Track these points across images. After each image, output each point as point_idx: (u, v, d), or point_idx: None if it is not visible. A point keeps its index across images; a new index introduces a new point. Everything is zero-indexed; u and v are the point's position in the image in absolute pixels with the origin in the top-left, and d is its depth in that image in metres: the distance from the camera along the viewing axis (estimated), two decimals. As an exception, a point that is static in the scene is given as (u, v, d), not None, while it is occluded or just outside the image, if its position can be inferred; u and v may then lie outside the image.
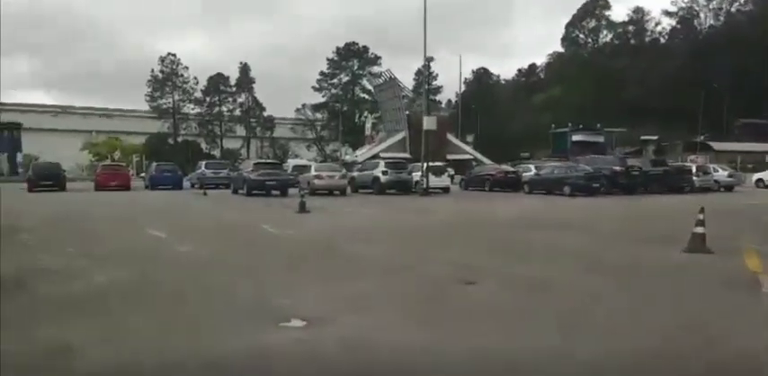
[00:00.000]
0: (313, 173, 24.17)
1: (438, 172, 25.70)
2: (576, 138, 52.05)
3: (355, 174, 26.82)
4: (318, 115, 73.88)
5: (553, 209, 17.97)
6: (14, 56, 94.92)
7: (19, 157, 48.41)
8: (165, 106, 65.51)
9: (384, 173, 24.46)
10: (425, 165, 24.38)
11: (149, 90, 65.09)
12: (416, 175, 25.13)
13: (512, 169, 28.69)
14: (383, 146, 58.51)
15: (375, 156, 52.50)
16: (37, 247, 8.62)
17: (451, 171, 31.92)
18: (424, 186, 24.03)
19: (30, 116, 60.93)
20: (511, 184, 27.15)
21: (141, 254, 8.10)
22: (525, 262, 7.43)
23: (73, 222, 12.64)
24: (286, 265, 7.28)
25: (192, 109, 67.56)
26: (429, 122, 24.01)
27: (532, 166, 29.01)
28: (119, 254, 8.07)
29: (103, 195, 24.35)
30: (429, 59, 49.42)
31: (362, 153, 58.31)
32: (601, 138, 52.00)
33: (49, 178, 26.71)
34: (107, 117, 69.95)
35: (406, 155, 50.62)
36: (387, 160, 25.57)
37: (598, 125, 52.35)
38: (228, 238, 9.99)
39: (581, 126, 52.83)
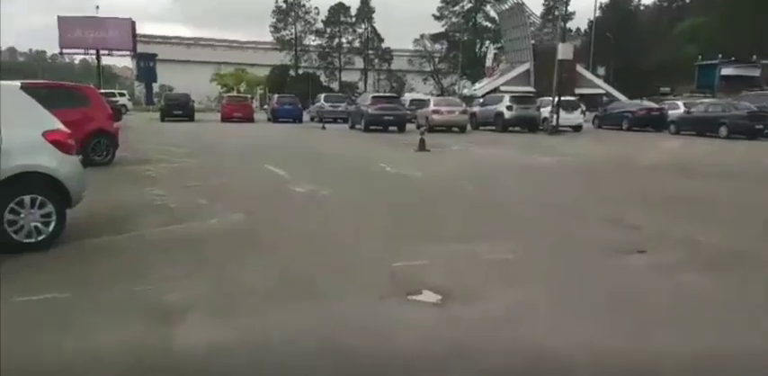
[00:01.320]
0: (431, 107, 22.93)
1: (570, 107, 23.34)
2: (726, 71, 45.39)
3: (476, 109, 25.19)
4: (437, 46, 70.88)
5: (711, 153, 15.55)
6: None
7: (155, 88, 51.49)
8: (287, 37, 65.97)
9: (509, 108, 22.62)
10: (556, 99, 22.15)
11: (273, 21, 65.63)
12: (545, 111, 23.05)
13: (656, 106, 25.48)
14: (505, 78, 55.22)
15: (495, 90, 49.77)
16: (155, 180, 8.49)
17: (583, 107, 29.13)
18: (554, 123, 21.99)
19: (165, 48, 64.18)
20: (653, 123, 24.24)
21: (258, 193, 7.65)
22: (699, 222, 6.00)
23: (194, 156, 12.67)
24: (410, 215, 6.44)
25: (314, 40, 67.50)
26: (564, 50, 21.43)
27: (680, 103, 25.59)
28: (236, 193, 7.69)
29: (227, 127, 25.00)
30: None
31: (482, 86, 55.48)
32: (756, 73, 44.84)
33: (179, 108, 27.87)
34: (234, 48, 72.06)
35: (530, 88, 47.44)
36: (512, 94, 23.60)
37: (753, 57, 45.08)
38: (346, 179, 9.34)
39: (733, 58, 45.81)
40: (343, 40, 68.34)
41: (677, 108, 24.60)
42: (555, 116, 21.88)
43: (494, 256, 4.64)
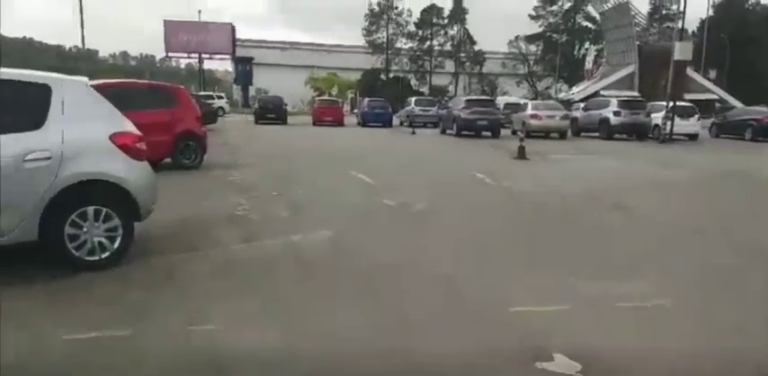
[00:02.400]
0: (529, 112, 21.53)
1: (685, 114, 21.10)
2: None
3: (577, 114, 23.46)
4: (532, 48, 68.32)
5: None
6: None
7: (251, 91, 53.10)
8: (379, 41, 66.11)
9: (616, 113, 20.78)
10: (670, 104, 20.06)
11: (366, 24, 65.99)
12: (655, 118, 20.98)
13: (786, 114, 22.57)
14: (605, 82, 51.99)
15: (595, 94, 46.99)
16: (240, 187, 8.02)
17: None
18: (667, 131, 19.93)
19: (262, 51, 66.18)
20: (783, 133, 21.45)
21: (346, 205, 6.95)
22: None
23: (282, 160, 12.29)
24: (521, 240, 5.46)
25: (405, 43, 67.17)
26: (682, 50, 19.27)
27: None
28: (322, 204, 7.03)
29: (317, 130, 24.89)
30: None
31: (580, 90, 52.60)
32: None
33: (273, 112, 28.17)
34: (329, 52, 73.24)
35: (634, 93, 44.26)
36: (620, 98, 21.66)
37: None
38: (440, 191, 8.44)
39: None
40: (435, 42, 67.53)
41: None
42: (669, 123, 19.80)
43: (643, 302, 3.60)
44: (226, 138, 17.91)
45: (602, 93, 47.18)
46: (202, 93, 44.29)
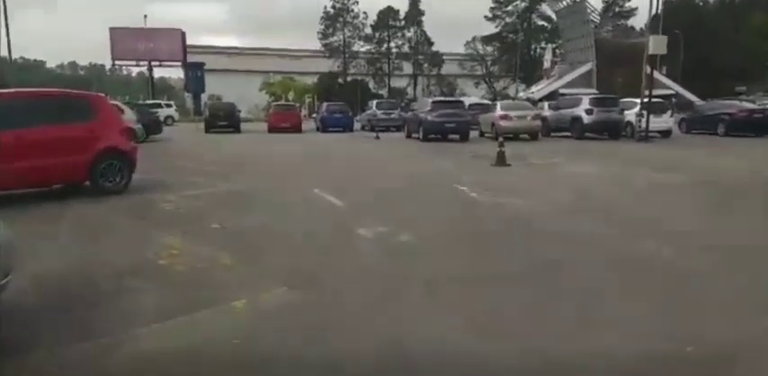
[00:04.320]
0: (499, 112, 20.37)
1: (658, 110, 20.26)
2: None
3: (546, 113, 22.43)
4: (489, 49, 67.96)
5: None
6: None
7: (204, 98, 50.68)
8: (335, 44, 64.56)
9: (588, 112, 19.79)
10: (645, 101, 19.17)
11: (322, 27, 64.32)
12: (629, 114, 20.10)
13: (758, 107, 22.06)
14: (564, 80, 51.84)
15: (554, 93, 46.66)
16: (171, 218, 6.39)
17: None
18: (642, 128, 19.03)
19: (215, 58, 63.68)
20: (756, 127, 20.86)
21: (310, 242, 5.41)
22: None
23: (231, 178, 10.67)
24: (549, 290, 3.99)
25: (362, 46, 65.84)
26: (656, 44, 18.25)
27: (788, 103, 22.13)
28: (278, 242, 5.47)
29: (273, 138, 23.16)
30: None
31: (539, 89, 52.29)
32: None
33: (224, 119, 26.21)
34: (283, 57, 71.13)
35: (593, 90, 43.98)
36: (591, 96, 20.72)
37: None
38: (423, 212, 6.97)
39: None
40: (392, 44, 66.50)
41: (785, 109, 21.16)
42: (644, 120, 18.90)
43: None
44: (168, 151, 16.11)
45: (561, 91, 46.93)
46: (149, 101, 41.90)
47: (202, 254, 4.80)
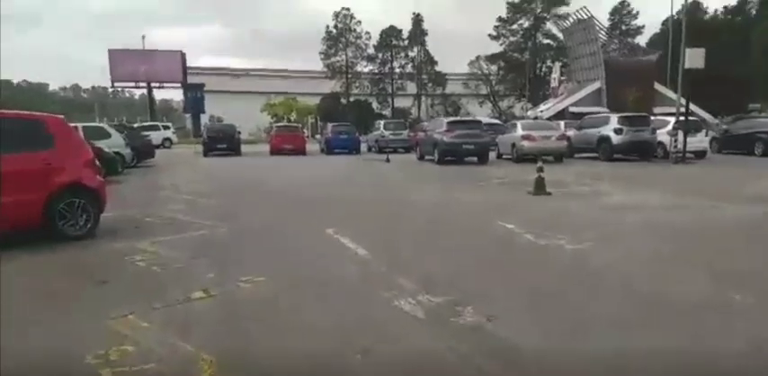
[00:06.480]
0: (520, 132, 18.82)
1: (692, 129, 18.71)
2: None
3: (570, 133, 20.88)
4: (494, 68, 66.92)
5: None
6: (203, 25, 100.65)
7: (204, 119, 49.32)
8: (338, 64, 63.54)
9: (618, 131, 18.25)
10: (681, 119, 17.60)
11: (324, 47, 63.35)
12: (660, 134, 18.55)
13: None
14: (573, 99, 50.44)
15: (564, 112, 45.40)
16: (140, 281, 4.72)
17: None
18: (677, 149, 17.43)
19: (216, 79, 62.69)
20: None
21: (327, 322, 3.72)
22: None
23: (224, 215, 9.06)
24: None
25: (365, 66, 64.82)
26: (693, 57, 16.72)
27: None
28: (283, 322, 3.79)
29: (276, 162, 21.58)
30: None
31: (548, 108, 50.90)
32: None
33: (224, 141, 24.61)
34: (285, 78, 70.13)
35: (602, 108, 42.63)
36: (620, 115, 19.16)
37: None
38: (473, 263, 5.33)
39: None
40: (396, 64, 65.47)
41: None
42: (680, 140, 17.32)
43: None
44: (157, 179, 14.46)
45: (571, 109, 45.63)
46: (146, 123, 40.56)
47: (175, 355, 3.11)
